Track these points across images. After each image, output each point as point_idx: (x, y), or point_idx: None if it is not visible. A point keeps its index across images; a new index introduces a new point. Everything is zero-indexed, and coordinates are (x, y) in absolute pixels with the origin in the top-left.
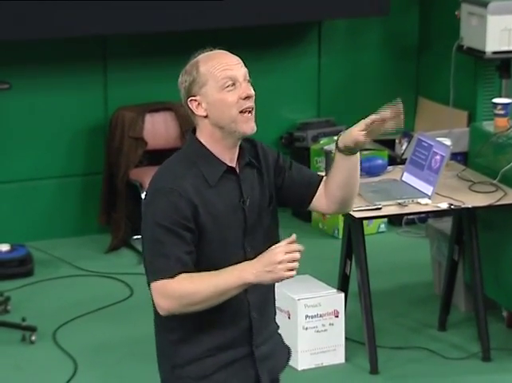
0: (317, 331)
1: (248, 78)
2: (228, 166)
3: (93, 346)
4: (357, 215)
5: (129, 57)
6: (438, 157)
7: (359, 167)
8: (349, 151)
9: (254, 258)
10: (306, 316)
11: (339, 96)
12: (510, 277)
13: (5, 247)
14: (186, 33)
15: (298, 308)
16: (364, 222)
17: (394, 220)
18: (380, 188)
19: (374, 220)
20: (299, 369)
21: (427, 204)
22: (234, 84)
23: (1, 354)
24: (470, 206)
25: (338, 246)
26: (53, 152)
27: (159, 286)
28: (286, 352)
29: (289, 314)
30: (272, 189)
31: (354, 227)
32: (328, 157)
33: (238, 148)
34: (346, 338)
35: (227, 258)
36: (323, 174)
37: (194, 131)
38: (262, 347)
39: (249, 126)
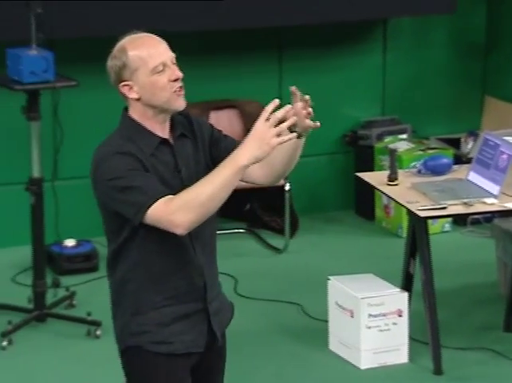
0: (381, 330)
1: (174, 61)
2: (162, 138)
3: None
4: (422, 214)
5: (194, 54)
6: (505, 156)
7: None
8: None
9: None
10: (369, 315)
11: (404, 95)
12: None
13: (71, 243)
14: (251, 31)
15: (361, 307)
16: (429, 221)
17: (459, 220)
18: (445, 187)
19: (438, 220)
20: (362, 368)
21: (493, 204)
22: (163, 68)
23: (67, 348)
24: None
25: (402, 245)
26: None
27: (160, 208)
28: (230, 307)
29: (352, 313)
30: (208, 159)
31: (419, 226)
32: (393, 156)
33: (168, 121)
34: (410, 338)
35: None
36: None
37: (126, 109)
38: (213, 303)
39: (180, 103)
